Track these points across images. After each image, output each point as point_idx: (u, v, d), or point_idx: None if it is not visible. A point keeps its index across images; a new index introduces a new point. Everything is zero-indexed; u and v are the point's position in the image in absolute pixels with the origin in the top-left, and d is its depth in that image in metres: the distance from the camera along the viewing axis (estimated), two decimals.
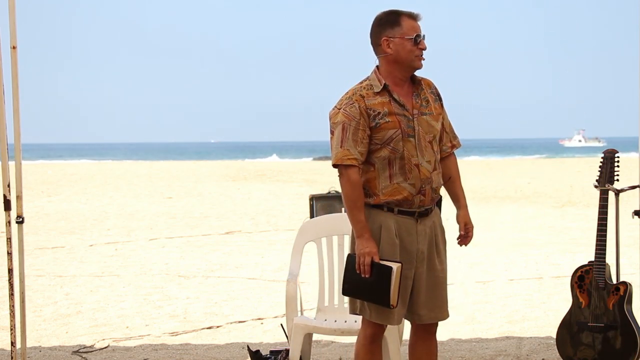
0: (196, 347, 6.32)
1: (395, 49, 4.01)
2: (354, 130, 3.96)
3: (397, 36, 4.01)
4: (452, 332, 6.63)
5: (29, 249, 11.54)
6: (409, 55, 4.01)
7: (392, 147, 3.98)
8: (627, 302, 5.11)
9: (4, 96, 4.94)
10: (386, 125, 3.98)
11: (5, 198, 5.04)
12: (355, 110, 3.97)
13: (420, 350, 4.21)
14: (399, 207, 4.01)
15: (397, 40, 4.01)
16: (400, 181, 4.00)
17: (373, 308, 4.02)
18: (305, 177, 28.86)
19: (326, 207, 11.10)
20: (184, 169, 34.85)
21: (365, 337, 4.12)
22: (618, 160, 5.22)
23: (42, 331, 6.97)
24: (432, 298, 4.09)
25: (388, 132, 3.98)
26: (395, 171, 4.00)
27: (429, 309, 4.10)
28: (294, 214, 17.10)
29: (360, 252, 3.95)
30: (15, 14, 4.99)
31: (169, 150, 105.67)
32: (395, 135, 3.98)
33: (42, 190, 23.45)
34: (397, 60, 4.03)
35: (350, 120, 3.96)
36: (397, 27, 4.01)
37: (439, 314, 4.13)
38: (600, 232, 5.13)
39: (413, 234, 4.04)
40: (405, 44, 4.00)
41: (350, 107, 3.98)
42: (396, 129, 3.98)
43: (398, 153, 3.99)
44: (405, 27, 4.01)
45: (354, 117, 3.97)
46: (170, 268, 10.34)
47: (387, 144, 3.98)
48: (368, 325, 4.10)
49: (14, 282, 5.08)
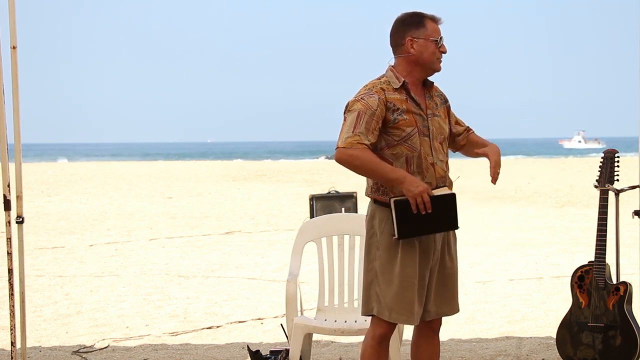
0: (196, 347, 6.31)
1: (419, 50, 4.05)
2: (368, 119, 3.96)
3: (421, 37, 4.04)
4: (452, 332, 6.63)
5: (29, 249, 11.54)
6: (432, 57, 4.06)
7: (410, 144, 4.01)
8: (627, 302, 5.11)
9: (4, 96, 4.94)
10: (404, 122, 4.00)
11: (5, 198, 5.04)
12: (374, 100, 3.98)
13: (424, 348, 4.23)
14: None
15: (421, 42, 4.04)
16: (418, 179, 4.02)
17: (394, 308, 4.00)
18: (305, 177, 28.87)
19: (326, 207, 11.11)
20: (183, 169, 34.86)
21: (373, 337, 4.10)
22: (618, 160, 5.22)
23: (42, 331, 6.97)
24: (441, 294, 4.12)
25: (406, 129, 4.00)
26: (413, 169, 4.02)
27: (437, 305, 4.12)
28: (294, 214, 17.11)
29: (415, 192, 3.90)
30: (15, 14, 4.99)
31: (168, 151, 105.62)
32: (412, 132, 4.01)
33: (42, 190, 23.45)
34: (419, 61, 4.06)
35: (366, 109, 3.97)
36: (422, 28, 4.05)
37: (447, 310, 4.16)
38: (600, 232, 5.13)
39: None
40: (429, 46, 4.05)
41: (369, 97, 3.99)
42: (413, 127, 4.02)
43: (415, 151, 4.02)
44: (429, 29, 4.06)
45: (371, 107, 3.97)
46: (170, 268, 10.34)
47: (404, 141, 4.00)
48: (378, 326, 4.09)
49: (14, 282, 5.08)
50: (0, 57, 4.92)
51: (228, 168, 35.62)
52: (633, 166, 8.02)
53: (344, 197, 11.30)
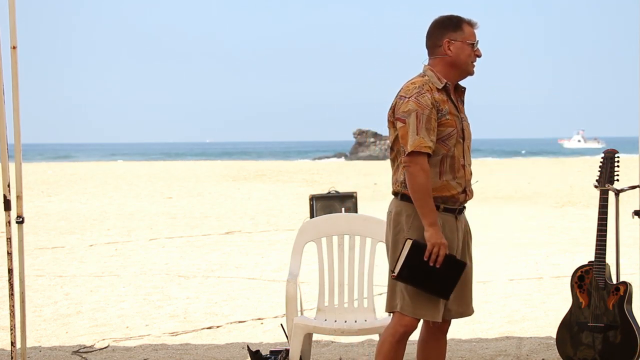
0: (196, 347, 6.31)
1: (456, 52, 4.09)
2: (427, 119, 3.99)
3: (458, 39, 4.09)
4: (452, 332, 6.61)
5: (29, 249, 11.54)
6: (467, 60, 4.10)
7: (447, 144, 4.05)
8: (627, 302, 5.11)
9: (4, 96, 4.94)
10: (447, 122, 4.04)
11: (5, 198, 5.04)
12: (427, 99, 4.00)
13: (431, 347, 4.26)
14: (445, 204, 4.08)
15: (459, 44, 4.08)
16: (449, 179, 4.07)
17: (420, 304, 4.02)
18: (305, 177, 28.86)
19: (326, 207, 11.12)
20: (183, 169, 34.86)
21: (394, 334, 4.10)
22: (618, 160, 5.22)
23: (42, 331, 6.97)
24: (461, 294, 4.16)
25: (447, 129, 4.04)
26: (446, 169, 4.06)
27: (458, 304, 4.16)
28: (294, 214, 17.11)
29: (435, 242, 3.95)
30: (15, 14, 4.99)
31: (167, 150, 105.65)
32: (452, 133, 4.05)
33: (42, 190, 23.45)
34: (456, 63, 4.10)
35: (423, 109, 3.99)
36: (460, 31, 4.09)
37: (465, 310, 4.22)
38: (600, 232, 5.13)
39: (454, 231, 4.12)
40: (466, 48, 4.09)
41: (421, 96, 4.01)
42: (453, 128, 4.06)
43: (451, 151, 4.06)
44: (466, 32, 4.10)
45: (427, 105, 3.99)
46: (170, 268, 10.34)
47: (443, 141, 4.03)
48: (401, 324, 4.09)
49: (14, 282, 5.08)
50: (0, 57, 4.92)
51: (228, 168, 35.62)
52: (633, 166, 8.02)
53: (344, 197, 11.31)
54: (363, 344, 6.26)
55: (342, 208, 11.02)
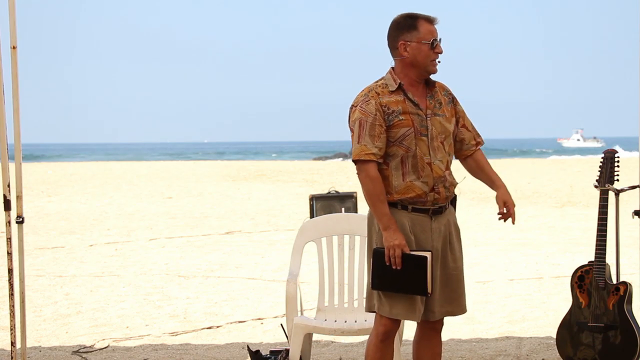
0: (196, 347, 6.32)
1: (412, 53, 4.07)
2: (370, 126, 4.01)
3: (414, 40, 4.06)
4: (452, 332, 6.63)
5: (29, 249, 11.54)
6: (425, 60, 4.07)
7: (405, 145, 4.03)
8: (627, 302, 5.11)
9: (4, 96, 4.94)
10: (399, 123, 4.03)
11: (5, 198, 5.04)
12: (372, 106, 4.03)
13: (426, 347, 4.25)
14: (413, 205, 4.07)
15: (414, 45, 4.06)
16: (413, 179, 4.05)
17: (395, 304, 4.03)
18: (305, 177, 28.85)
19: (326, 207, 11.13)
20: (183, 169, 34.86)
21: (377, 335, 4.12)
22: (618, 160, 5.22)
23: (42, 331, 6.97)
24: (444, 295, 4.13)
25: (401, 130, 4.03)
26: (408, 169, 4.05)
27: (441, 305, 4.13)
28: (294, 214, 17.10)
29: (389, 245, 3.98)
30: (15, 14, 4.99)
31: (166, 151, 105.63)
32: (408, 133, 4.03)
33: (42, 190, 23.44)
34: (414, 63, 4.08)
35: (366, 117, 4.02)
36: (414, 31, 4.06)
37: (454, 309, 4.17)
38: (600, 232, 5.13)
39: (427, 231, 4.08)
40: (422, 48, 4.06)
41: (366, 104, 4.04)
42: (409, 127, 4.04)
43: (411, 151, 4.04)
44: (422, 32, 4.06)
45: (370, 113, 4.02)
46: (170, 268, 10.34)
47: (399, 142, 4.03)
48: (381, 323, 4.10)
49: (14, 282, 5.08)
50: (0, 57, 4.92)
51: (228, 168, 35.61)
52: (633, 166, 8.02)
53: (344, 197, 11.31)
54: (363, 344, 6.26)
55: (342, 208, 11.02)
